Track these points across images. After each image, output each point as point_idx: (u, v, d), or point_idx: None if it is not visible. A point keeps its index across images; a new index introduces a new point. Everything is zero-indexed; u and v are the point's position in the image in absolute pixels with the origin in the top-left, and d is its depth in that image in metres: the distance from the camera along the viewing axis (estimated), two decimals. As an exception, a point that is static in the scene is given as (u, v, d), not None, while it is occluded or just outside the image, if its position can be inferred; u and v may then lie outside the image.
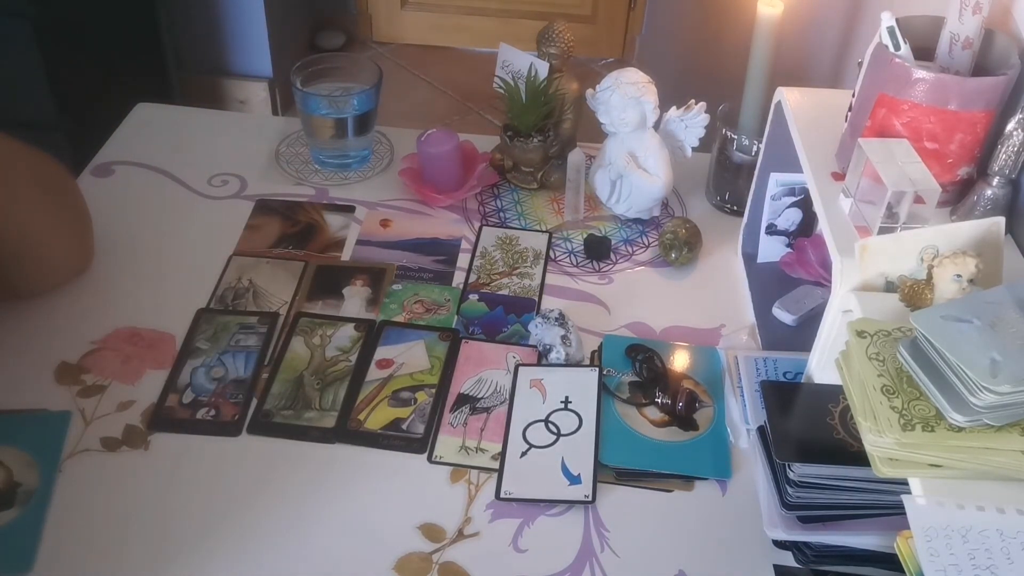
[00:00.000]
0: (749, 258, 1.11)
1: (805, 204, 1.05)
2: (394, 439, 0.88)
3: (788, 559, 0.78)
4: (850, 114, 0.88)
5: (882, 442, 0.63)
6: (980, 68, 0.85)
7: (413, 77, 2.98)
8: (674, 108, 1.11)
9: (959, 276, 0.68)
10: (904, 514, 0.61)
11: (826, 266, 0.98)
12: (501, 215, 1.17)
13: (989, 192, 0.83)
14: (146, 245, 1.09)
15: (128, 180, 1.19)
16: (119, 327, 0.98)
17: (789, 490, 0.75)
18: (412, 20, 3.11)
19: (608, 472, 0.86)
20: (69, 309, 0.99)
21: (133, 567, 0.77)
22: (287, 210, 1.15)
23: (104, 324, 0.98)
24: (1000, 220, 0.74)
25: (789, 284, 1.05)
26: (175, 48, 2.46)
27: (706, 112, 1.10)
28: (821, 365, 0.83)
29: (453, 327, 1.00)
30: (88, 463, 0.84)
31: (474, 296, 1.04)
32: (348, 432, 0.88)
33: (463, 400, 0.92)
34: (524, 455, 0.86)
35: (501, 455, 0.87)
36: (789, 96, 0.96)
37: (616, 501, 0.84)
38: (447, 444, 0.88)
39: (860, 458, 0.66)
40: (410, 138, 1.21)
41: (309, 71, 1.19)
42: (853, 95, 0.88)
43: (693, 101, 1.10)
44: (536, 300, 1.04)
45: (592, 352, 0.98)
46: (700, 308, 1.04)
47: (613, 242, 1.13)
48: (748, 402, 0.90)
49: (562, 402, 0.91)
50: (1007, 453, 0.62)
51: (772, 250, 1.09)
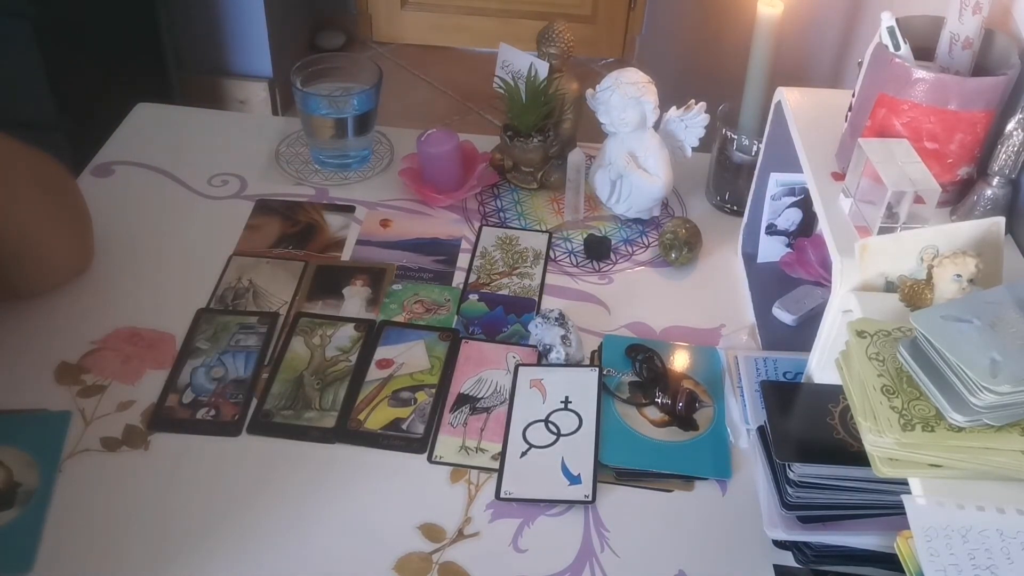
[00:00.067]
0: (749, 258, 1.11)
1: (805, 204, 1.05)
2: (394, 439, 0.88)
3: (788, 559, 0.78)
4: (850, 114, 0.88)
5: (882, 442, 0.63)
6: (980, 68, 0.85)
7: (413, 77, 2.98)
8: (674, 108, 1.11)
9: (959, 276, 0.68)
10: (904, 514, 0.61)
11: (826, 266, 0.98)
12: (501, 215, 1.17)
13: (989, 192, 0.83)
14: (146, 245, 1.09)
15: (128, 180, 1.19)
16: (119, 327, 0.98)
17: (789, 490, 0.75)
18: (412, 20, 3.11)
19: (608, 472, 0.86)
20: (69, 309, 0.99)
21: (133, 567, 0.77)
22: (287, 210, 1.15)
23: (104, 324, 0.98)
24: (1000, 220, 0.74)
25: (789, 284, 1.05)
26: (175, 48, 2.46)
27: (706, 112, 1.10)
28: (821, 365, 0.83)
29: (453, 327, 1.00)
30: (88, 463, 0.84)
31: (474, 296, 1.04)
32: (348, 432, 0.88)
33: (463, 400, 0.92)
34: (524, 455, 0.86)
35: (501, 455, 0.87)
36: (789, 96, 0.96)
37: (616, 501, 0.84)
38: (447, 444, 0.88)
39: (860, 458, 0.66)
40: (410, 138, 1.21)
41: (309, 71, 1.19)
42: (853, 95, 0.88)
43: (693, 101, 1.10)
44: (536, 300, 1.04)
45: (592, 352, 0.98)
46: (700, 308, 1.04)
47: (613, 242, 1.13)
48: (748, 402, 0.90)
49: (562, 402, 0.91)
50: (1007, 453, 0.62)
51: (772, 250, 1.09)
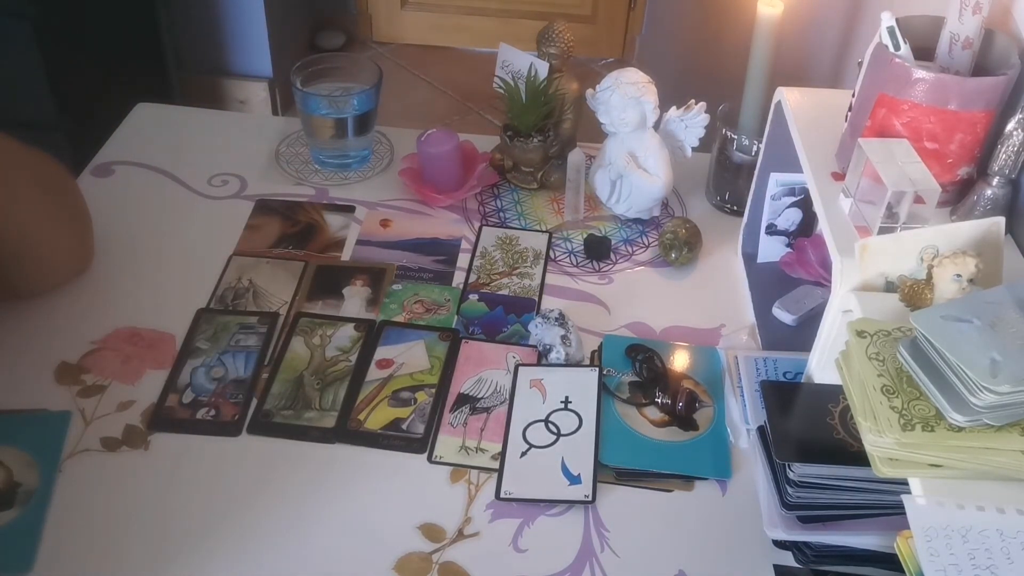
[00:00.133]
0: (749, 258, 1.11)
1: (805, 204, 1.05)
2: (394, 439, 0.88)
3: (788, 559, 0.78)
4: (850, 114, 0.88)
5: (882, 442, 0.63)
6: (980, 68, 0.85)
7: (413, 77, 2.98)
8: (674, 108, 1.11)
9: (959, 276, 0.68)
10: (904, 514, 0.61)
11: (826, 266, 0.98)
12: (501, 215, 1.17)
13: (989, 192, 0.83)
14: (146, 245, 1.09)
15: (128, 180, 1.19)
16: (119, 327, 0.98)
17: (789, 490, 0.75)
18: (412, 20, 3.11)
19: (608, 472, 0.86)
20: (69, 309, 0.99)
21: (133, 567, 0.77)
22: (287, 210, 1.15)
23: (104, 324, 0.98)
24: (1000, 220, 0.74)
25: (789, 284, 1.05)
26: (175, 48, 2.46)
27: (706, 112, 1.10)
28: (821, 365, 0.83)
29: (453, 327, 1.00)
30: (88, 463, 0.84)
31: (474, 296, 1.04)
32: (348, 432, 0.88)
33: (463, 400, 0.92)
34: (524, 455, 0.86)
35: (501, 455, 0.87)
36: (789, 96, 0.96)
37: (616, 501, 0.84)
38: (447, 444, 0.88)
39: (860, 458, 0.66)
40: (410, 138, 1.21)
41: (309, 71, 1.19)
42: (853, 95, 0.88)
43: (693, 101, 1.10)
44: (536, 300, 1.04)
45: (592, 352, 0.98)
46: (700, 308, 1.04)
47: (613, 242, 1.13)
48: (748, 402, 0.90)
49: (562, 402, 0.91)
50: (1007, 453, 0.62)
51: (772, 250, 1.09)
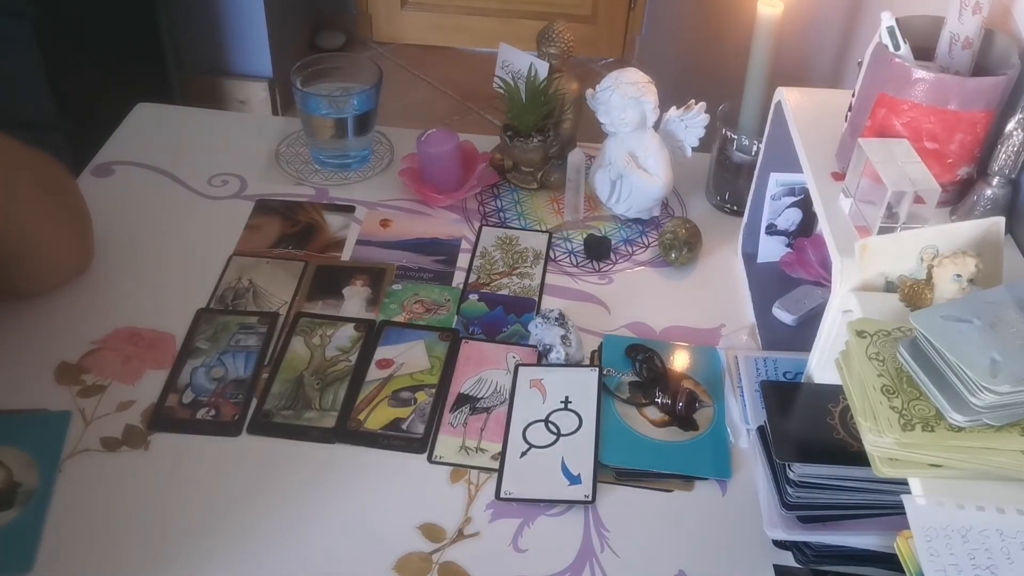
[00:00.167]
0: (749, 258, 1.11)
1: (805, 204, 1.05)
2: (394, 439, 0.88)
3: (788, 559, 0.78)
4: (850, 114, 0.88)
5: (882, 442, 0.63)
6: (980, 68, 0.85)
7: (413, 77, 2.98)
8: (674, 108, 1.11)
9: (959, 276, 0.68)
10: (904, 514, 0.61)
11: (826, 266, 0.98)
12: (501, 215, 1.17)
13: (989, 192, 0.83)
14: (146, 245, 1.09)
15: (128, 180, 1.19)
16: (119, 327, 0.98)
17: (789, 490, 0.75)
18: (412, 20, 3.11)
19: (608, 472, 0.86)
20: (69, 309, 0.99)
21: (133, 567, 0.77)
22: (287, 210, 1.15)
23: (104, 324, 0.98)
24: (1000, 220, 0.74)
25: (789, 284, 1.05)
26: (175, 48, 2.46)
27: (706, 112, 1.10)
28: (821, 365, 0.83)
29: (453, 327, 1.00)
30: (88, 463, 0.84)
31: (474, 296, 1.04)
32: (348, 432, 0.88)
33: (463, 400, 0.92)
34: (524, 455, 0.86)
35: (501, 455, 0.87)
36: (789, 96, 0.96)
37: (616, 501, 0.84)
38: (447, 444, 0.88)
39: (860, 458, 0.66)
40: (410, 138, 1.21)
41: (309, 71, 1.19)
42: (853, 95, 0.88)
43: (693, 101, 1.10)
44: (536, 300, 1.04)
45: (592, 352, 0.98)
46: (700, 308, 1.04)
47: (613, 242, 1.13)
48: (748, 402, 0.90)
49: (562, 402, 0.91)
50: (1007, 453, 0.62)
51: (772, 250, 1.09)
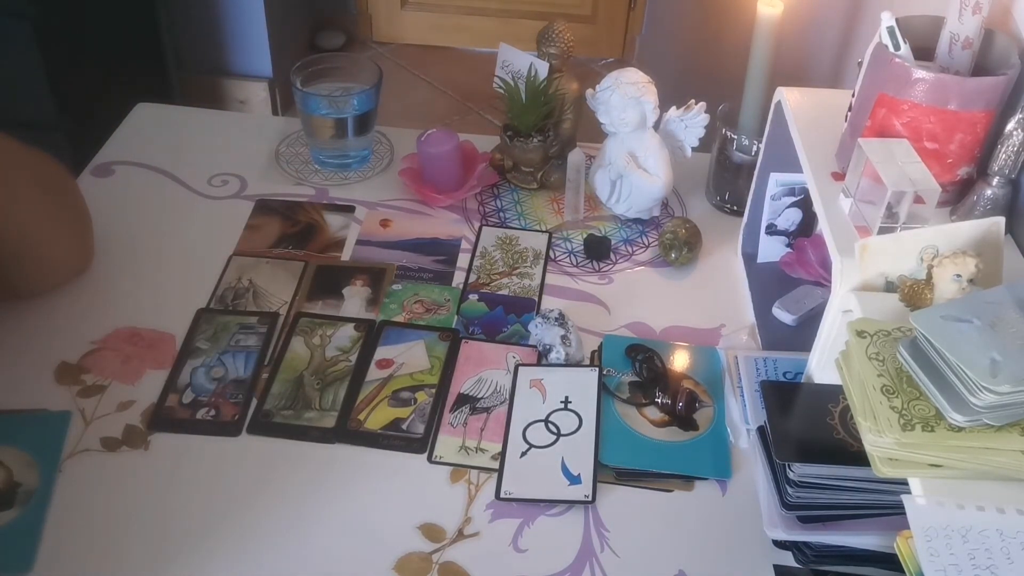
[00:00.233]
0: (749, 258, 1.11)
1: (805, 204, 1.05)
2: (394, 439, 0.88)
3: (788, 559, 0.78)
4: (850, 114, 0.88)
5: (882, 442, 0.63)
6: (980, 68, 0.85)
7: (413, 77, 2.98)
8: (674, 108, 1.11)
9: (959, 276, 0.68)
10: (904, 514, 0.61)
11: (826, 266, 0.98)
12: (501, 215, 1.17)
13: (989, 192, 0.83)
14: (146, 245, 1.09)
15: (128, 180, 1.19)
16: (119, 327, 0.98)
17: (789, 490, 0.75)
18: (412, 20, 3.11)
19: (608, 472, 0.86)
20: (69, 309, 0.99)
21: (133, 567, 0.77)
22: (287, 210, 1.15)
23: (104, 324, 0.98)
24: (1000, 220, 0.74)
25: (789, 284, 1.05)
26: (175, 48, 2.46)
27: (706, 112, 1.10)
28: (821, 365, 0.83)
29: (453, 327, 1.00)
30: (88, 463, 0.84)
31: (474, 296, 1.04)
32: (348, 432, 0.88)
33: (463, 400, 0.92)
34: (524, 455, 0.86)
35: (501, 455, 0.87)
36: (789, 96, 0.96)
37: (616, 501, 0.84)
38: (447, 444, 0.88)
39: (860, 458, 0.66)
40: (410, 138, 1.21)
41: (309, 71, 1.19)
42: (853, 95, 0.88)
43: (693, 101, 1.10)
44: (536, 300, 1.04)
45: (592, 352, 0.98)
46: (700, 308, 1.04)
47: (613, 242, 1.13)
48: (748, 402, 0.90)
49: (562, 402, 0.91)
50: (1007, 453, 0.62)
51: (772, 250, 1.09)
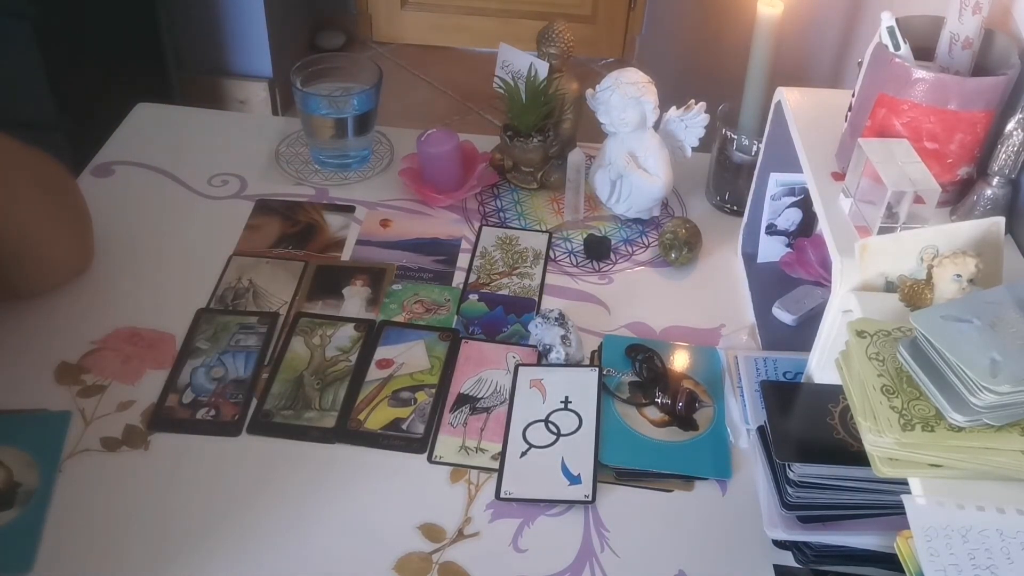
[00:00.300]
0: (749, 258, 1.11)
1: (805, 204, 1.05)
2: (394, 439, 0.88)
3: (788, 559, 0.78)
4: (850, 114, 0.88)
5: (882, 442, 0.63)
6: (980, 68, 0.85)
7: (413, 77, 2.98)
8: (674, 108, 1.11)
9: (959, 276, 0.68)
10: (904, 514, 0.61)
11: (826, 266, 0.98)
12: (501, 215, 1.17)
13: (989, 192, 0.83)
14: (146, 245, 1.09)
15: (128, 180, 1.19)
16: (119, 327, 0.98)
17: (789, 490, 0.75)
18: (412, 20, 3.11)
19: (608, 472, 0.86)
20: (69, 309, 0.99)
21: (133, 567, 0.77)
22: (287, 210, 1.15)
23: (104, 324, 0.98)
24: (1000, 220, 0.74)
25: (789, 284, 1.05)
26: (175, 48, 2.46)
27: (706, 112, 1.10)
28: (821, 365, 0.83)
29: (453, 327, 1.00)
30: (88, 463, 0.84)
31: (474, 296, 1.04)
32: (348, 432, 0.88)
33: (463, 400, 0.92)
34: (524, 455, 0.86)
35: (501, 455, 0.87)
36: (789, 96, 0.96)
37: (616, 501, 0.84)
38: (447, 444, 0.88)
39: (860, 458, 0.66)
40: (410, 138, 1.21)
41: (309, 71, 1.19)
42: (853, 95, 0.88)
43: (693, 101, 1.10)
44: (536, 300, 1.04)
45: (592, 352, 0.98)
46: (700, 308, 1.04)
47: (613, 242, 1.13)
48: (748, 402, 0.90)
49: (562, 402, 0.91)
50: (1007, 453, 0.62)
51: (772, 250, 1.09)
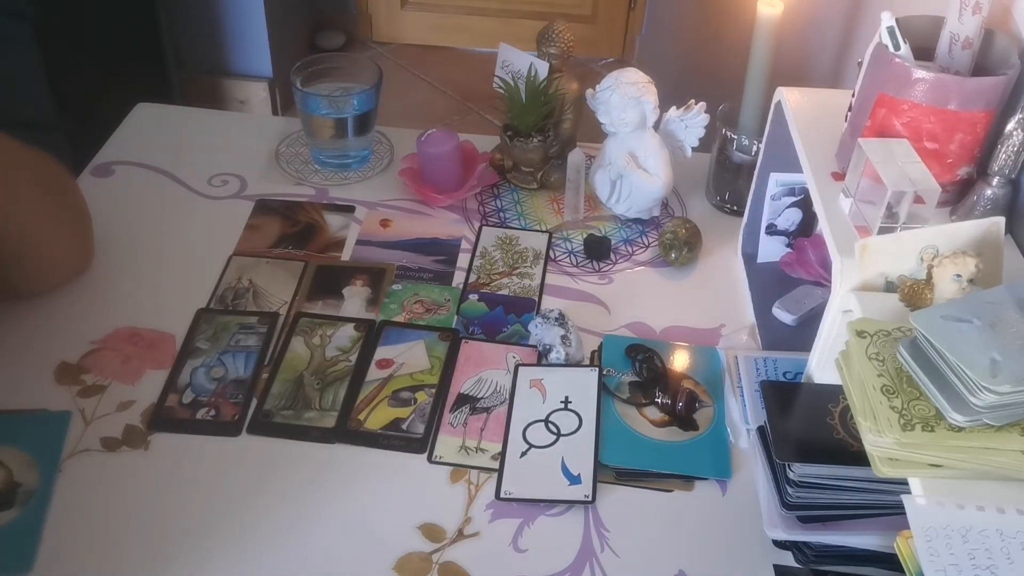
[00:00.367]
0: (749, 258, 1.11)
1: (805, 204, 1.05)
2: (394, 439, 0.88)
3: (788, 559, 0.78)
4: (850, 114, 0.88)
5: (882, 442, 0.63)
6: (980, 68, 0.85)
7: (413, 77, 2.98)
8: (674, 108, 1.11)
9: (959, 276, 0.68)
10: (904, 514, 0.61)
11: (826, 266, 0.98)
12: (501, 215, 1.17)
13: (989, 192, 0.83)
14: (146, 245, 1.09)
15: (128, 180, 1.19)
16: (119, 327, 0.98)
17: (789, 490, 0.75)
18: (412, 20, 3.11)
19: (608, 472, 0.86)
20: (69, 309, 0.99)
21: (133, 567, 0.77)
22: (287, 210, 1.15)
23: (104, 324, 0.98)
24: (1000, 220, 0.74)
25: (789, 284, 1.05)
26: (175, 48, 2.46)
27: (706, 112, 1.10)
28: (821, 365, 0.83)
29: (453, 327, 1.00)
30: (88, 463, 0.84)
31: (474, 296, 1.04)
32: (348, 432, 0.88)
33: (463, 400, 0.92)
34: (524, 455, 0.86)
35: (501, 455, 0.87)
36: (789, 96, 0.96)
37: (616, 501, 0.84)
38: (447, 444, 0.88)
39: (860, 458, 0.66)
40: (410, 138, 1.21)
41: (309, 71, 1.19)
42: (853, 95, 0.88)
43: (693, 101, 1.10)
44: (536, 300, 1.04)
45: (592, 352, 0.98)
46: (700, 308, 1.04)
47: (613, 242, 1.13)
48: (748, 402, 0.90)
49: (562, 402, 0.91)
50: (1007, 453, 0.62)
51: (772, 250, 1.09)
